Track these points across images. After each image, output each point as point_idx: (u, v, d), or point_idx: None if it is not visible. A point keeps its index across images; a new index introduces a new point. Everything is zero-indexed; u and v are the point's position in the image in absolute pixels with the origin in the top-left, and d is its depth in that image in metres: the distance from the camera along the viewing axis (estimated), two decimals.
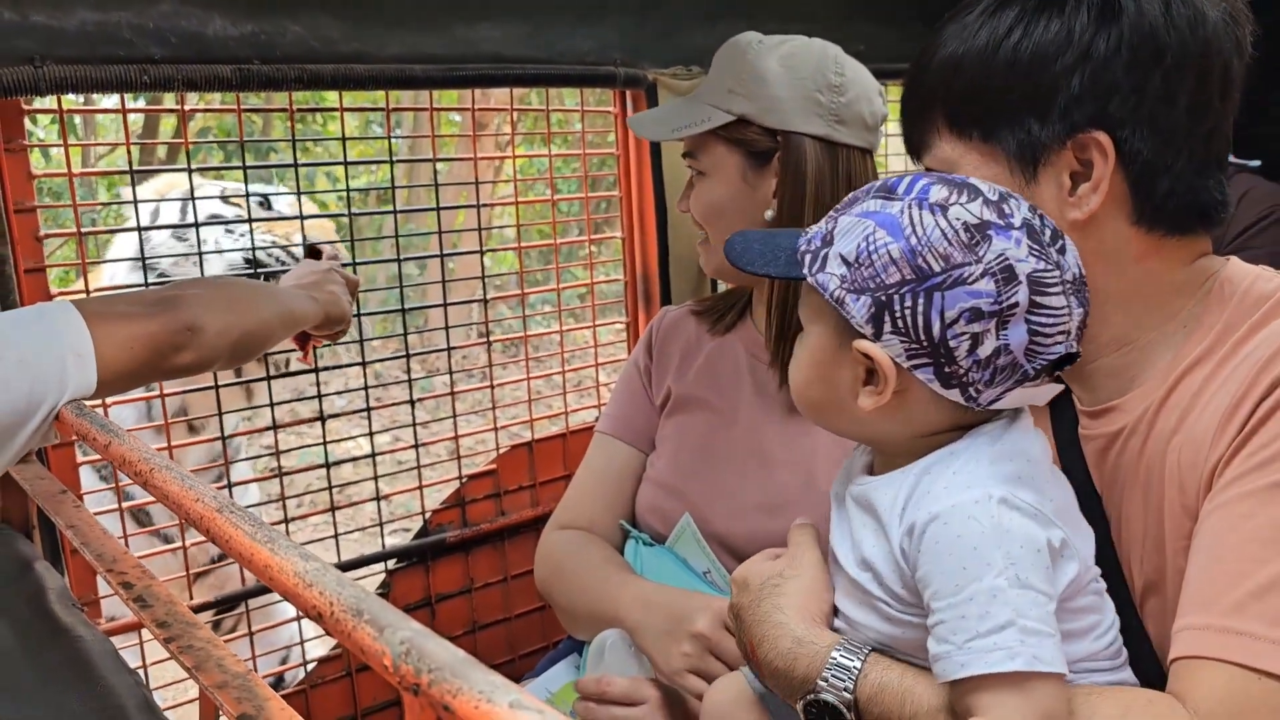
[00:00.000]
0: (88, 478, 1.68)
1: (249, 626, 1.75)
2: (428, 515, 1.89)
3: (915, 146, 0.97)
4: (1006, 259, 0.77)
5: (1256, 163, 1.95)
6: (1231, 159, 1.89)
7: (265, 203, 2.10)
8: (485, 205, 1.88)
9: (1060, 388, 0.85)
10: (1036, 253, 0.78)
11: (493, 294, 1.95)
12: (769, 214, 1.29)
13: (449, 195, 2.81)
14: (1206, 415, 0.83)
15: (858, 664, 0.84)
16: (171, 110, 1.65)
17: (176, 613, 0.83)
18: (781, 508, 1.26)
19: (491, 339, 1.92)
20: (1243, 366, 0.82)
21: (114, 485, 1.67)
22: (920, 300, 0.78)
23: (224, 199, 2.05)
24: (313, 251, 1.64)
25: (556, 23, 1.74)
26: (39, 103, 1.39)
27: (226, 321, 1.16)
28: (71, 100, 1.45)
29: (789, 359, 1.27)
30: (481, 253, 1.88)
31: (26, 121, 1.42)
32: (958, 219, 0.78)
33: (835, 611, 0.92)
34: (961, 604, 0.76)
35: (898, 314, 0.79)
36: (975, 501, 0.78)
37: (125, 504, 1.61)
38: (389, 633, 0.53)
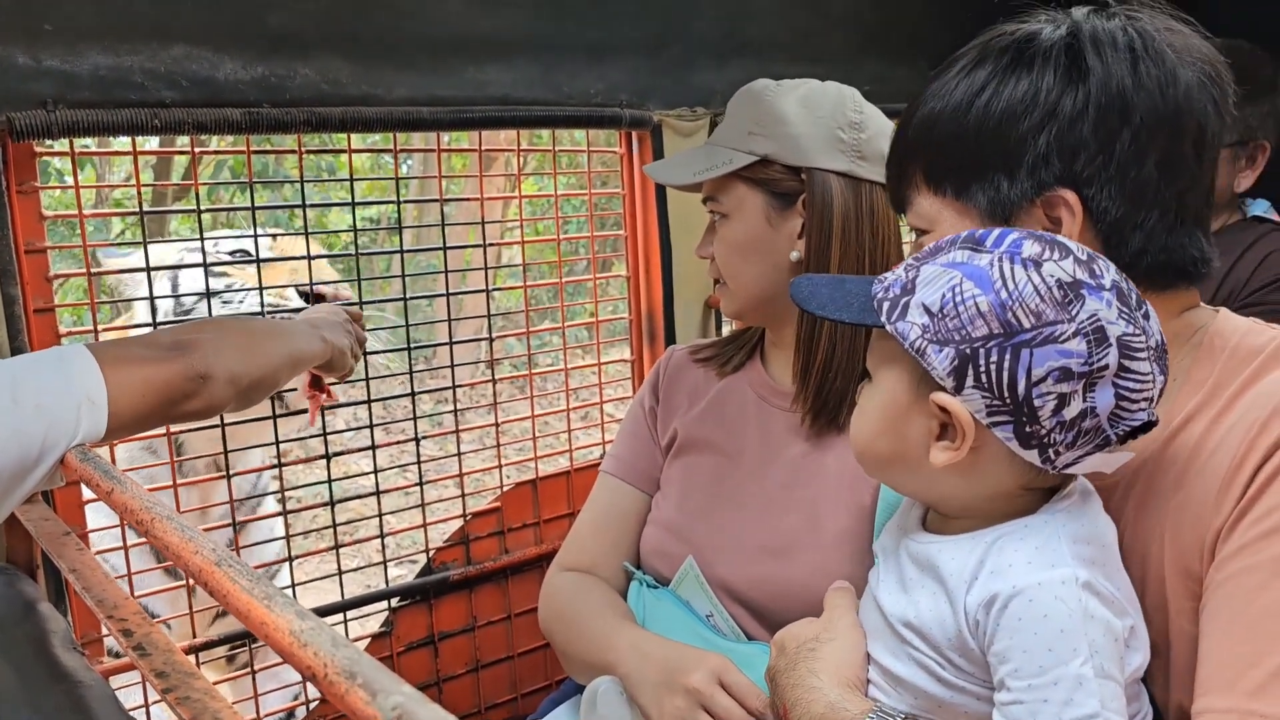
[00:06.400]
0: (101, 512, 1.68)
1: (252, 665, 1.75)
2: (431, 553, 1.89)
3: (898, 201, 0.97)
4: (1099, 320, 0.76)
5: None
6: (1272, 215, 1.88)
7: (245, 255, 2.10)
8: (492, 245, 1.90)
9: (1131, 455, 0.83)
10: (1126, 316, 0.77)
11: (498, 331, 1.96)
12: (795, 255, 1.28)
13: (457, 231, 2.84)
14: (1205, 477, 0.83)
15: None
16: (183, 152, 1.66)
17: (175, 662, 0.83)
18: (786, 551, 1.26)
19: (497, 377, 1.93)
20: (1239, 426, 0.82)
21: (120, 522, 1.67)
22: (1007, 356, 0.76)
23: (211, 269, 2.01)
24: (317, 298, 1.65)
25: (565, 64, 1.76)
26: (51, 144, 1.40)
27: (236, 369, 1.17)
28: (83, 142, 1.47)
29: (814, 400, 1.29)
30: (488, 291, 1.89)
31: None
32: (1051, 275, 0.77)
33: (869, 659, 0.91)
34: (1044, 687, 0.76)
35: (982, 368, 0.77)
36: (1062, 582, 0.78)
37: (135, 543, 1.62)
38: (381, 698, 0.53)
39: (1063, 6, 0.92)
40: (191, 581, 1.66)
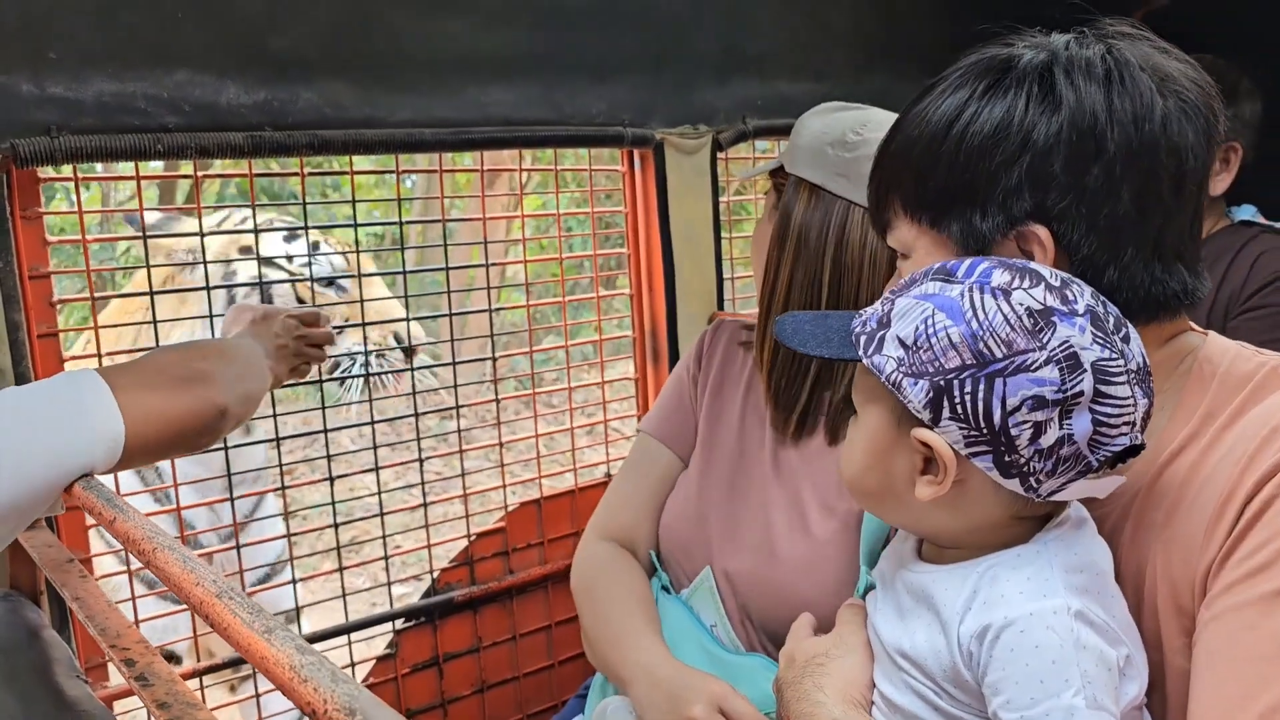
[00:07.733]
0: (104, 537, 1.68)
1: (256, 688, 1.74)
2: (436, 574, 1.88)
3: (880, 225, 0.97)
4: (1071, 346, 0.75)
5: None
6: (1259, 219, 1.87)
7: (316, 246, 2.11)
8: (495, 264, 1.90)
9: (1123, 479, 0.82)
10: (1101, 340, 0.76)
11: (502, 349, 1.96)
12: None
13: (460, 250, 2.85)
14: (1195, 512, 0.81)
15: None
16: (186, 176, 1.67)
17: (177, 692, 0.83)
18: (774, 550, 1.27)
19: (501, 395, 1.93)
20: (1228, 460, 0.81)
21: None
22: (981, 386, 0.76)
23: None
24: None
25: (567, 84, 1.77)
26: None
27: (243, 403, 1.18)
28: (87, 166, 1.47)
29: (775, 401, 1.30)
30: (490, 311, 1.89)
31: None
32: (1021, 304, 0.77)
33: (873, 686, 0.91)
34: (1037, 718, 0.75)
35: (957, 400, 0.77)
36: (1054, 612, 0.77)
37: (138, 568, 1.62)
38: None
39: (1056, 26, 0.91)
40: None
